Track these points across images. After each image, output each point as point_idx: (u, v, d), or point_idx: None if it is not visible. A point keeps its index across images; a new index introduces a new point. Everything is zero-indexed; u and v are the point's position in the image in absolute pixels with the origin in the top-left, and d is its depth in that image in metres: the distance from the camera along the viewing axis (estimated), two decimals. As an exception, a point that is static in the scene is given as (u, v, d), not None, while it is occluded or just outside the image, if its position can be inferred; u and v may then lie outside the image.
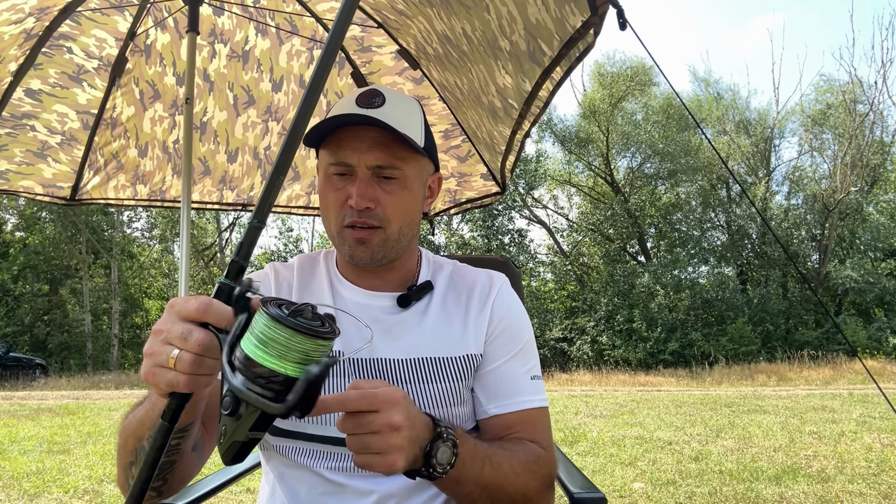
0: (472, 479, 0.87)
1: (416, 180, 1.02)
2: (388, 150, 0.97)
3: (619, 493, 4.27)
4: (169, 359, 0.63)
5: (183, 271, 2.33)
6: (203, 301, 0.63)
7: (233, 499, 4.11)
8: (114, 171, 2.68)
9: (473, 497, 0.89)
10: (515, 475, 0.92)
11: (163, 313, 0.67)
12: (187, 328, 0.63)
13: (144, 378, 0.65)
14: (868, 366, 14.40)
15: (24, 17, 2.00)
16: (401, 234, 1.02)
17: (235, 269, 0.64)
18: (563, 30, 1.22)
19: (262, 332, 0.57)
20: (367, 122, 0.95)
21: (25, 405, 9.67)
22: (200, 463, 0.95)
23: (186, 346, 0.63)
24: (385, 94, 0.99)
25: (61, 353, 21.00)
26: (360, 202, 0.96)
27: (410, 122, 1.00)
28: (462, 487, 0.87)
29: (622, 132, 22.15)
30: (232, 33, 2.41)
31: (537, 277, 23.48)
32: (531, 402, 1.04)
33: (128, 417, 0.86)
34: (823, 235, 20.72)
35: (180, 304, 0.65)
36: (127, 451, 0.84)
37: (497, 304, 1.08)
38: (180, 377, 0.63)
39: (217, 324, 0.63)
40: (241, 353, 0.58)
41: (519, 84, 1.53)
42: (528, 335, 1.09)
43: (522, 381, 1.05)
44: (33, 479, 4.73)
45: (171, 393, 0.65)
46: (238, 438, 0.60)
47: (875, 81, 23.78)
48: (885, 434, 6.18)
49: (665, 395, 10.58)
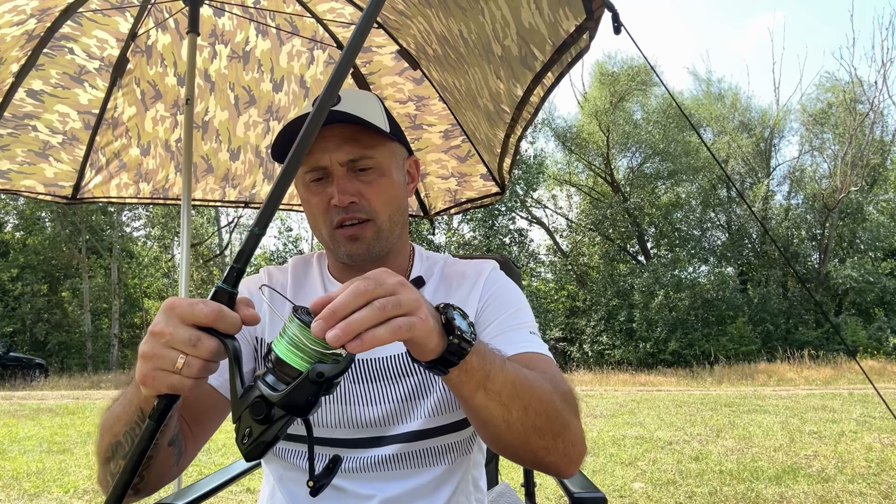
0: (499, 370, 0.75)
1: (392, 166, 1.02)
2: (356, 142, 0.98)
3: (620, 492, 4.28)
4: (174, 364, 0.62)
5: (183, 271, 2.34)
6: (214, 307, 0.62)
7: (233, 499, 4.11)
8: (116, 169, 2.69)
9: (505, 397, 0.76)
10: (538, 381, 0.82)
11: (159, 314, 0.65)
12: (195, 334, 0.62)
13: (141, 381, 0.64)
14: (868, 366, 14.39)
15: (25, 19, 2.01)
16: (392, 223, 1.02)
17: (234, 274, 0.64)
18: (557, 34, 1.22)
19: (294, 336, 0.61)
20: (330, 121, 0.95)
21: (25, 405, 9.67)
22: (181, 460, 0.91)
23: (197, 353, 0.62)
24: (341, 92, 0.98)
25: (61, 353, 20.99)
26: (342, 199, 0.96)
27: (371, 112, 1.00)
28: (493, 382, 0.74)
29: (622, 132, 22.13)
30: (232, 34, 2.42)
31: (537, 277, 23.47)
32: (532, 347, 0.97)
33: (106, 413, 0.85)
34: (823, 235, 20.72)
35: (183, 306, 0.63)
36: (104, 447, 0.83)
37: (487, 283, 1.07)
38: (185, 381, 0.63)
39: (228, 331, 0.63)
40: (273, 356, 0.62)
41: (510, 89, 1.54)
42: (521, 302, 1.05)
43: (520, 332, 1.00)
44: (33, 478, 4.74)
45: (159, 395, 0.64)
46: (266, 440, 0.62)
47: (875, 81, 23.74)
48: (886, 434, 6.18)
49: (665, 395, 10.58)
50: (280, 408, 0.61)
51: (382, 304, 0.61)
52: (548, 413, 0.80)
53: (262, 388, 0.61)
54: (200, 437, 0.96)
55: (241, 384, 0.63)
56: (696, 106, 23.59)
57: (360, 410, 0.98)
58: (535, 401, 0.79)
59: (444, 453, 1.01)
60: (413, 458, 0.99)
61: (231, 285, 0.64)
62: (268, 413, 0.61)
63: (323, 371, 0.60)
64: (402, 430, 0.99)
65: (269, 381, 0.61)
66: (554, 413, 0.81)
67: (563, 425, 0.83)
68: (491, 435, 0.82)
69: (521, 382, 0.78)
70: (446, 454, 1.01)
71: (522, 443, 0.80)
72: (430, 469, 1.00)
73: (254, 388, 0.62)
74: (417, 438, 0.99)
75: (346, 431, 0.99)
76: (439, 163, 2.50)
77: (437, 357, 0.69)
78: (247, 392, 0.63)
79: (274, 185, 0.63)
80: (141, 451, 0.63)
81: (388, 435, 0.99)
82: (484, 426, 0.81)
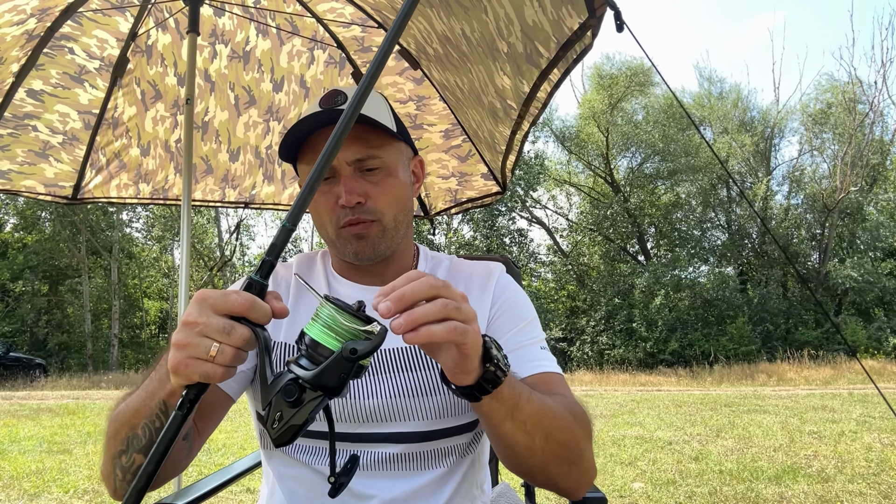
0: (526, 400, 0.78)
1: (398, 166, 1.02)
2: (364, 141, 0.98)
3: (620, 492, 4.28)
4: (208, 351, 0.63)
5: (183, 271, 2.34)
6: (247, 297, 0.64)
7: (233, 499, 4.11)
8: (116, 169, 2.69)
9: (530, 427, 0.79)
10: (560, 411, 0.85)
11: (191, 305, 0.66)
12: (228, 323, 0.64)
13: (174, 370, 0.64)
14: (868, 366, 14.40)
15: (25, 19, 2.01)
16: (397, 223, 1.02)
17: (267, 266, 0.65)
18: (560, 32, 1.23)
19: (330, 317, 0.64)
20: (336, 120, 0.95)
21: (25, 405, 9.67)
22: (189, 454, 0.94)
23: (230, 341, 0.63)
24: (347, 91, 1.00)
25: (61, 353, 20.98)
26: (349, 199, 0.96)
27: (379, 111, 1.00)
28: (521, 412, 0.78)
29: (622, 132, 22.13)
30: (233, 34, 2.42)
31: (538, 277, 23.48)
32: (545, 366, 0.99)
33: (118, 407, 0.85)
34: (823, 235, 20.72)
35: (216, 297, 0.65)
36: (118, 440, 0.83)
37: (498, 289, 1.07)
38: (217, 369, 0.64)
39: (259, 321, 0.65)
40: (308, 339, 0.64)
41: (517, 85, 1.54)
42: (532, 314, 1.07)
43: (532, 349, 1.01)
44: (33, 478, 4.74)
45: (188, 385, 0.65)
46: (297, 422, 0.63)
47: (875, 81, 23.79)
48: (885, 434, 6.18)
49: (665, 395, 10.58)
50: (312, 388, 0.62)
51: (446, 303, 0.64)
52: (567, 444, 0.84)
53: (295, 370, 0.63)
54: (204, 432, 0.96)
55: (271, 372, 0.64)
56: (697, 105, 23.59)
57: (361, 402, 0.98)
58: (557, 431, 0.83)
59: (446, 456, 1.01)
60: (416, 460, 0.99)
61: (263, 276, 0.65)
62: (299, 395, 0.62)
63: (356, 347, 0.62)
64: (407, 430, 0.98)
65: (303, 364, 0.63)
66: (573, 443, 0.85)
67: (580, 454, 0.87)
68: (512, 459, 0.86)
69: (545, 413, 0.81)
70: (447, 456, 1.01)
71: (541, 469, 0.85)
72: (431, 471, 1.00)
73: (285, 373, 0.64)
74: (422, 440, 0.99)
75: (347, 425, 0.98)
76: (440, 162, 2.50)
77: (472, 383, 0.71)
78: (277, 378, 0.64)
79: (306, 184, 0.65)
80: (168, 441, 0.64)
81: (394, 433, 0.98)
82: (507, 451, 0.84)
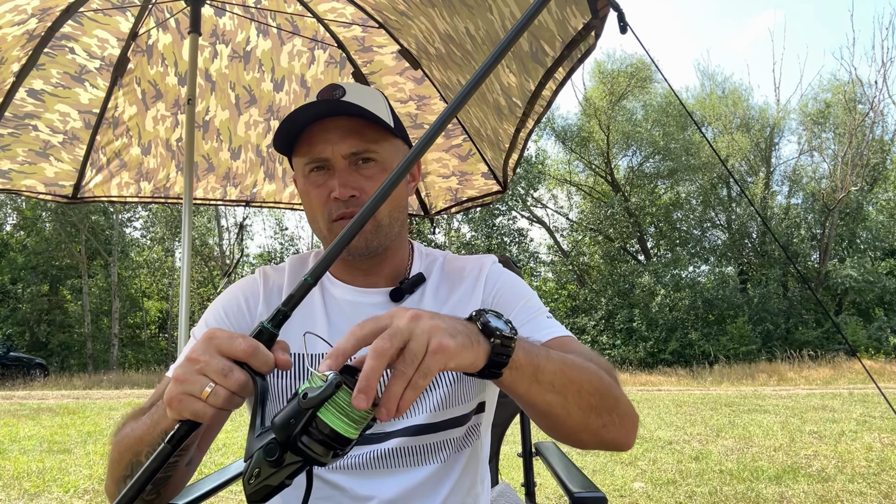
0: (545, 359, 0.76)
1: (393, 162, 1.01)
2: (360, 135, 0.97)
3: (620, 492, 4.28)
4: (203, 391, 0.64)
5: (184, 270, 2.34)
6: (252, 344, 0.64)
7: (233, 499, 4.11)
8: (117, 168, 2.69)
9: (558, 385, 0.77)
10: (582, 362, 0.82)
11: (199, 342, 0.67)
12: (228, 365, 0.64)
13: (168, 402, 0.65)
14: (868, 366, 14.40)
15: (26, 18, 2.01)
16: (391, 219, 1.01)
17: (280, 316, 0.65)
18: (565, 31, 1.23)
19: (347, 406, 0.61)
20: (334, 111, 0.95)
21: (25, 405, 9.67)
22: (191, 474, 0.95)
23: (226, 384, 0.64)
24: (345, 86, 0.99)
25: (61, 353, 20.99)
26: (343, 192, 0.96)
27: (376, 106, 0.99)
28: (543, 373, 0.75)
29: (622, 131, 22.12)
30: (233, 34, 2.42)
31: (537, 277, 23.48)
32: (557, 331, 0.97)
33: (123, 430, 0.85)
34: (823, 234, 20.72)
35: (222, 338, 0.65)
36: (122, 466, 0.83)
37: (490, 279, 1.07)
38: (208, 410, 0.64)
39: (260, 369, 0.65)
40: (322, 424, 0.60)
41: (523, 83, 1.54)
42: (530, 292, 1.05)
43: (539, 319, 0.99)
44: (34, 478, 4.74)
45: (181, 420, 0.65)
46: (272, 483, 0.62)
47: (875, 81, 23.78)
48: (886, 434, 6.18)
49: (665, 395, 10.58)
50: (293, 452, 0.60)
51: (402, 372, 0.62)
52: (600, 391, 0.82)
53: None
54: (205, 444, 0.97)
55: (262, 424, 0.64)
56: (697, 105, 23.59)
57: None
58: (585, 382, 0.80)
59: (439, 450, 1.00)
60: (412, 454, 0.99)
61: (274, 326, 0.65)
62: (280, 456, 0.61)
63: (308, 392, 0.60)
64: (407, 424, 0.98)
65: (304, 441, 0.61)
66: (606, 390, 0.83)
67: (615, 400, 0.84)
68: (552, 424, 0.83)
69: (569, 367, 0.79)
70: (441, 451, 1.00)
71: (583, 426, 0.82)
72: (426, 466, 0.99)
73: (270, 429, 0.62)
74: (420, 433, 0.98)
75: None
76: (440, 162, 2.50)
77: (486, 362, 0.70)
78: (265, 432, 0.62)
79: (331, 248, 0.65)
80: (151, 472, 0.63)
81: (394, 429, 0.98)
82: (543, 417, 0.82)
